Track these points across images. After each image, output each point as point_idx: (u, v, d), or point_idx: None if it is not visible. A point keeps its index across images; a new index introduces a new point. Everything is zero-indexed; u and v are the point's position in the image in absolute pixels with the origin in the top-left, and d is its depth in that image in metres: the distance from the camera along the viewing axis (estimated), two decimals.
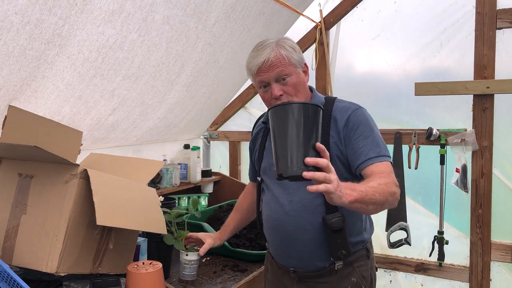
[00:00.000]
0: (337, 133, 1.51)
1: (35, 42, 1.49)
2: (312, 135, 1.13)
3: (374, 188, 1.29)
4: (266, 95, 1.53)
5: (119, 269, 1.58)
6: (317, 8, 2.78)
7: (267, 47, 1.50)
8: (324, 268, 1.55)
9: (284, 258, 1.62)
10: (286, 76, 1.50)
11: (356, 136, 1.48)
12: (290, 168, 1.11)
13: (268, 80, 1.50)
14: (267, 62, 1.48)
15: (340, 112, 1.54)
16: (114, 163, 1.73)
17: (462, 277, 2.49)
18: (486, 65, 2.33)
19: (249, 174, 1.93)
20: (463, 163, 2.41)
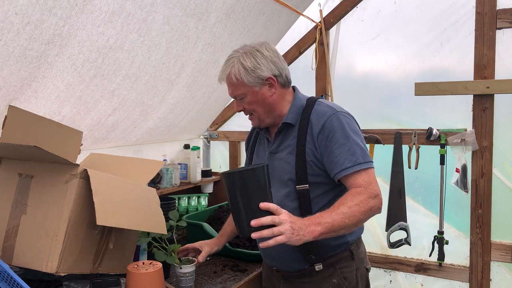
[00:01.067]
0: (312, 139, 1.53)
1: (35, 43, 1.49)
2: (255, 198, 1.26)
3: (343, 214, 1.33)
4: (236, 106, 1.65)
5: (119, 269, 1.58)
6: (317, 8, 2.78)
7: (227, 62, 1.58)
8: (303, 269, 1.60)
9: (268, 258, 1.73)
10: (241, 95, 1.58)
11: (332, 145, 1.48)
12: (243, 231, 1.28)
13: (231, 95, 1.61)
14: (226, 79, 1.59)
15: (317, 117, 1.54)
16: (114, 163, 1.73)
17: (462, 277, 2.49)
18: (486, 65, 2.33)
19: None
20: (463, 163, 2.41)
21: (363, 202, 1.37)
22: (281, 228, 1.23)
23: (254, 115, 1.61)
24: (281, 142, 1.62)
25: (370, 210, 1.39)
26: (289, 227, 1.24)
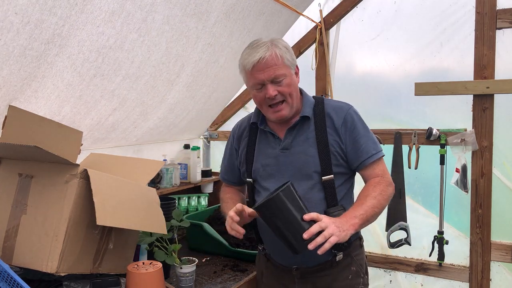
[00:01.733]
0: (335, 131, 1.58)
1: (35, 42, 1.49)
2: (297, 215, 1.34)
3: (372, 204, 1.48)
4: (260, 95, 1.53)
5: (119, 269, 1.58)
6: (317, 8, 2.78)
7: (263, 46, 1.51)
8: (326, 261, 1.60)
9: (286, 257, 1.62)
10: (280, 77, 1.51)
11: (355, 135, 1.58)
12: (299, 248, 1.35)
13: (262, 81, 1.51)
14: (263, 60, 1.48)
15: (335, 111, 1.61)
16: (114, 163, 1.73)
17: (462, 277, 2.49)
18: (486, 65, 2.33)
19: (225, 176, 1.84)
20: (463, 163, 2.41)
21: (384, 190, 1.53)
22: (329, 230, 1.32)
23: (287, 103, 1.54)
24: (295, 137, 1.60)
25: (389, 197, 1.55)
26: (335, 227, 1.33)
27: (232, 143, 1.78)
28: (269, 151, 1.64)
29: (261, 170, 1.63)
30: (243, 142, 1.72)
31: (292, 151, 1.59)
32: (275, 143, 1.63)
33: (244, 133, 1.73)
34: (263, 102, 1.55)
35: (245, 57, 1.53)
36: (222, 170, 1.85)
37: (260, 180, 1.64)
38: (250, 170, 1.67)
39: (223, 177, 1.85)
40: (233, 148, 1.77)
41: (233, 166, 1.78)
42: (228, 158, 1.80)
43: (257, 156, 1.66)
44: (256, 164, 1.65)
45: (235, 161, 1.77)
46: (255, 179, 1.66)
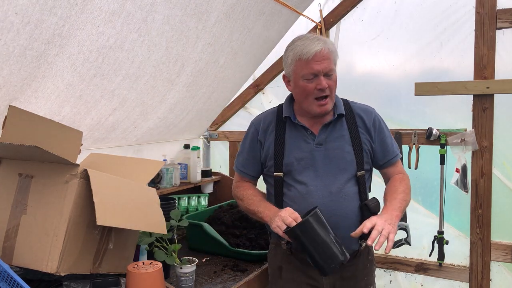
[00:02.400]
0: (367, 131, 1.72)
1: (35, 42, 1.49)
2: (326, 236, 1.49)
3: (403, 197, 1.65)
4: (310, 85, 1.59)
5: (119, 269, 1.58)
6: (317, 8, 2.78)
7: (320, 39, 1.60)
8: (354, 251, 1.71)
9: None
10: (332, 71, 1.61)
11: (383, 136, 1.75)
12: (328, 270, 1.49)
13: (318, 72, 1.57)
14: (324, 51, 1.57)
15: (364, 112, 1.75)
16: (114, 163, 1.73)
17: (462, 277, 2.49)
18: (486, 65, 2.33)
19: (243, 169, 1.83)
20: (463, 163, 2.41)
21: (408, 185, 1.74)
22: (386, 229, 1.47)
23: (330, 98, 1.63)
24: (330, 133, 1.69)
25: (410, 190, 1.75)
26: (388, 225, 1.49)
27: (256, 135, 1.77)
28: (302, 145, 1.68)
29: (296, 164, 1.66)
30: (269, 136, 1.74)
31: (327, 146, 1.67)
32: (308, 138, 1.68)
33: (270, 126, 1.75)
34: (311, 94, 1.60)
35: (301, 47, 1.58)
36: (239, 162, 1.84)
37: (294, 174, 1.66)
38: (281, 164, 1.68)
39: (241, 169, 1.83)
40: (256, 140, 1.77)
41: (254, 158, 1.78)
42: (249, 150, 1.79)
43: (289, 150, 1.69)
44: (289, 157, 1.67)
45: (258, 154, 1.77)
46: (287, 173, 1.67)
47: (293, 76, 1.64)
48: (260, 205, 1.68)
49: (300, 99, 1.66)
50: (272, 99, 3.03)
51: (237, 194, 1.83)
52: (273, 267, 1.80)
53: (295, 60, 1.60)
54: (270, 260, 1.84)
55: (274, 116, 1.77)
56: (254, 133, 1.78)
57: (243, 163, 1.83)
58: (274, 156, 1.70)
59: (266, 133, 1.75)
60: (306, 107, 1.65)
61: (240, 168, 1.84)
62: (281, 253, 1.76)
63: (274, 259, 1.80)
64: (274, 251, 1.81)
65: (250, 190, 1.79)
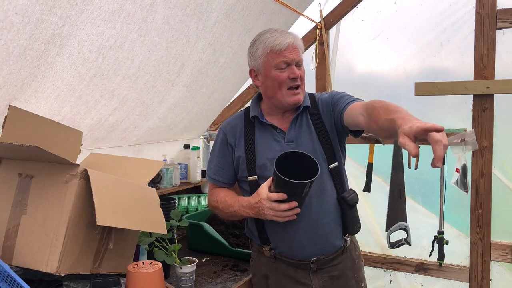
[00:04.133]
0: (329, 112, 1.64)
1: (35, 42, 1.49)
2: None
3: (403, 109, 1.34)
4: (283, 75, 1.59)
5: (119, 269, 1.58)
6: (317, 8, 2.78)
7: (289, 32, 1.62)
8: (340, 247, 1.66)
9: (303, 251, 1.62)
10: (302, 62, 1.64)
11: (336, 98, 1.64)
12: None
13: (290, 61, 1.58)
14: (293, 44, 1.59)
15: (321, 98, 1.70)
16: (114, 163, 1.73)
17: (462, 277, 2.49)
18: (486, 65, 2.33)
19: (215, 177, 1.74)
20: (463, 163, 2.41)
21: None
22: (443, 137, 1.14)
23: (301, 89, 1.64)
24: (298, 129, 1.65)
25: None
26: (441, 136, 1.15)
27: (225, 139, 1.72)
28: (273, 145, 1.64)
29: (269, 165, 1.61)
30: (239, 139, 1.69)
31: (297, 143, 1.63)
32: (278, 136, 1.65)
33: (238, 129, 1.70)
34: (284, 83, 1.59)
35: (272, 38, 1.58)
36: (210, 170, 1.76)
37: (268, 175, 1.59)
38: (254, 166, 1.63)
39: (213, 177, 1.75)
40: (226, 145, 1.71)
41: (226, 164, 1.72)
42: (220, 156, 1.73)
43: (261, 151, 1.64)
44: (262, 159, 1.63)
45: (230, 159, 1.71)
46: (262, 175, 1.62)
47: (263, 68, 1.61)
48: (234, 204, 1.62)
49: (271, 92, 1.62)
50: None
51: (211, 204, 1.75)
52: (258, 277, 1.73)
53: (266, 52, 1.59)
54: (254, 269, 1.77)
55: (242, 118, 1.72)
56: (223, 137, 1.73)
57: (214, 171, 1.75)
58: (246, 160, 1.65)
59: (235, 137, 1.70)
60: (279, 98, 1.61)
61: (212, 176, 1.75)
62: (265, 261, 1.69)
63: (259, 268, 1.73)
64: (257, 260, 1.74)
65: (221, 193, 1.71)
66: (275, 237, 1.65)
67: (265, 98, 1.69)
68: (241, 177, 1.70)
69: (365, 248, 2.79)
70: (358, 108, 1.48)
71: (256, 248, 1.75)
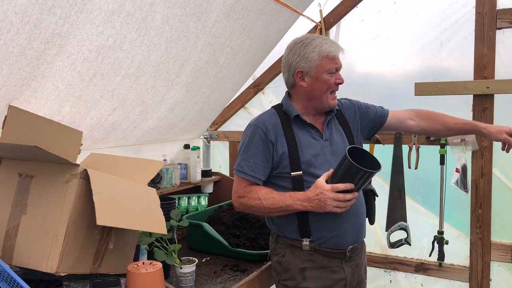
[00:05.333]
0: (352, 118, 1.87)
1: (34, 42, 1.49)
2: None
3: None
4: (332, 79, 1.74)
5: (119, 269, 1.58)
6: (317, 8, 2.78)
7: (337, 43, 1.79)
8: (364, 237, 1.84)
9: (344, 240, 1.73)
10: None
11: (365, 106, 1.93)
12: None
13: (338, 67, 1.76)
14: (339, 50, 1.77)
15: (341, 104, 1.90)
16: (114, 163, 1.73)
17: (462, 277, 2.49)
18: (486, 65, 2.33)
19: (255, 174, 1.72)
20: (463, 163, 2.41)
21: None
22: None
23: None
24: (331, 130, 1.81)
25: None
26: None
27: (265, 137, 1.72)
28: (314, 142, 1.75)
29: (314, 160, 1.71)
30: (279, 136, 1.73)
31: (332, 142, 1.77)
32: (316, 135, 1.76)
33: (277, 127, 1.75)
34: (331, 87, 1.74)
35: (327, 45, 1.73)
36: (248, 166, 1.72)
37: (313, 170, 1.69)
38: (298, 162, 1.70)
39: (251, 174, 1.72)
40: (267, 141, 1.72)
41: (265, 161, 1.72)
42: (259, 153, 1.72)
43: (304, 148, 1.73)
44: (306, 155, 1.71)
45: (270, 156, 1.72)
46: (306, 170, 1.70)
47: (315, 71, 1.72)
48: (285, 199, 1.64)
49: (318, 93, 1.74)
50: (272, 99, 3.03)
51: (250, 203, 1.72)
52: (293, 271, 1.73)
53: (322, 56, 1.71)
54: (287, 264, 1.75)
55: (277, 117, 1.78)
56: (263, 135, 1.73)
57: (253, 168, 1.72)
58: (289, 156, 1.70)
59: (276, 134, 1.73)
60: (323, 101, 1.75)
61: (249, 173, 1.72)
62: (301, 255, 1.72)
63: (293, 262, 1.73)
64: (291, 255, 1.74)
65: (263, 190, 1.71)
66: (319, 229, 1.70)
67: (304, 99, 1.77)
68: (280, 174, 1.74)
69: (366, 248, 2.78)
70: (404, 113, 1.99)
71: (287, 244, 1.75)
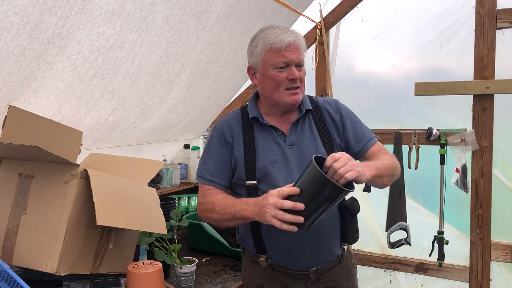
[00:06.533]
0: (334, 123, 1.61)
1: (35, 42, 1.49)
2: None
3: (386, 164, 1.49)
4: (281, 75, 1.50)
5: (119, 269, 1.58)
6: (317, 8, 2.78)
7: (291, 30, 1.53)
8: (338, 256, 1.60)
9: (303, 261, 1.54)
10: (303, 62, 1.55)
11: (352, 123, 1.63)
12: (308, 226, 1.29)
13: (290, 61, 1.50)
14: (295, 43, 1.50)
15: (329, 105, 1.65)
16: (114, 163, 1.73)
17: (462, 277, 2.49)
18: (486, 65, 2.33)
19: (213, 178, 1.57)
20: (463, 163, 2.41)
21: (393, 158, 1.60)
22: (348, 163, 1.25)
23: (301, 90, 1.55)
24: (300, 132, 1.57)
25: (397, 165, 1.59)
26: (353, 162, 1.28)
27: (223, 138, 1.58)
28: (274, 147, 1.55)
29: (270, 168, 1.51)
30: (237, 139, 1.57)
31: (299, 146, 1.55)
32: (279, 139, 1.56)
33: (236, 130, 1.59)
34: (282, 83, 1.51)
35: (273, 35, 1.50)
36: (206, 170, 1.58)
37: (269, 179, 1.50)
38: (254, 170, 1.52)
39: (209, 178, 1.57)
40: (225, 143, 1.57)
41: (225, 165, 1.57)
42: (218, 156, 1.58)
43: (261, 153, 1.54)
44: (262, 161, 1.52)
45: (229, 159, 1.57)
46: (261, 179, 1.51)
47: (261, 66, 1.53)
48: (235, 204, 1.43)
49: (269, 92, 1.54)
50: None
51: (205, 207, 1.53)
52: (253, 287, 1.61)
53: (265, 49, 1.50)
54: (247, 280, 1.64)
55: (239, 118, 1.61)
56: (220, 136, 1.59)
57: (212, 172, 1.57)
58: (245, 162, 1.53)
59: (233, 136, 1.58)
60: (277, 98, 1.53)
61: (208, 177, 1.57)
62: (260, 271, 1.58)
63: (253, 278, 1.60)
64: (251, 270, 1.62)
65: (219, 194, 1.54)
66: (273, 246, 1.54)
67: (262, 98, 1.61)
68: (237, 181, 1.57)
69: (365, 248, 2.79)
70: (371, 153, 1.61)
71: (249, 258, 1.62)
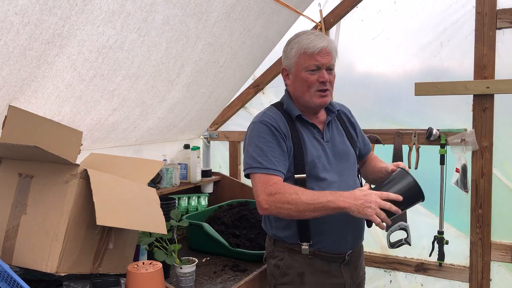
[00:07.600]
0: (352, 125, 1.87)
1: (35, 42, 1.49)
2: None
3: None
4: (312, 78, 1.63)
5: (119, 269, 1.58)
6: (317, 8, 2.78)
7: (325, 37, 1.67)
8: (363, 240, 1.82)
9: (345, 244, 1.70)
10: (333, 67, 1.67)
11: (359, 129, 1.92)
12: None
13: (321, 65, 1.62)
14: (328, 48, 1.62)
15: (345, 109, 1.91)
16: (114, 163, 1.73)
17: (462, 277, 2.49)
18: (486, 65, 2.33)
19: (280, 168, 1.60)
20: (463, 163, 2.41)
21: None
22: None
23: (329, 92, 1.68)
24: (332, 130, 1.77)
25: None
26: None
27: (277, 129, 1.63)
28: (315, 143, 1.70)
29: (317, 162, 1.64)
30: (288, 133, 1.65)
31: (333, 143, 1.74)
32: (318, 135, 1.72)
33: (282, 124, 1.66)
34: (313, 85, 1.63)
35: (307, 41, 1.62)
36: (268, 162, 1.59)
37: (316, 172, 1.63)
38: (303, 164, 1.61)
39: (274, 168, 1.58)
40: (280, 134, 1.63)
41: (283, 155, 1.62)
42: (275, 146, 1.61)
43: (308, 149, 1.66)
44: (311, 156, 1.64)
45: (285, 150, 1.63)
46: (309, 172, 1.62)
47: (294, 69, 1.66)
48: (326, 195, 1.49)
49: (300, 92, 1.66)
50: (272, 99, 3.03)
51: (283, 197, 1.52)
52: (292, 275, 1.69)
53: (299, 53, 1.63)
54: (285, 269, 1.70)
55: (281, 115, 1.69)
56: (273, 129, 1.63)
57: (273, 162, 1.59)
58: (294, 156, 1.62)
59: (286, 129, 1.65)
60: (307, 99, 1.66)
61: (272, 167, 1.58)
62: (300, 259, 1.68)
63: (292, 267, 1.69)
64: (289, 259, 1.69)
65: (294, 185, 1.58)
66: (319, 233, 1.65)
67: (294, 98, 1.73)
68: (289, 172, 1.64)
69: (365, 248, 2.77)
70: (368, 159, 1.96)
71: (285, 247, 1.70)
